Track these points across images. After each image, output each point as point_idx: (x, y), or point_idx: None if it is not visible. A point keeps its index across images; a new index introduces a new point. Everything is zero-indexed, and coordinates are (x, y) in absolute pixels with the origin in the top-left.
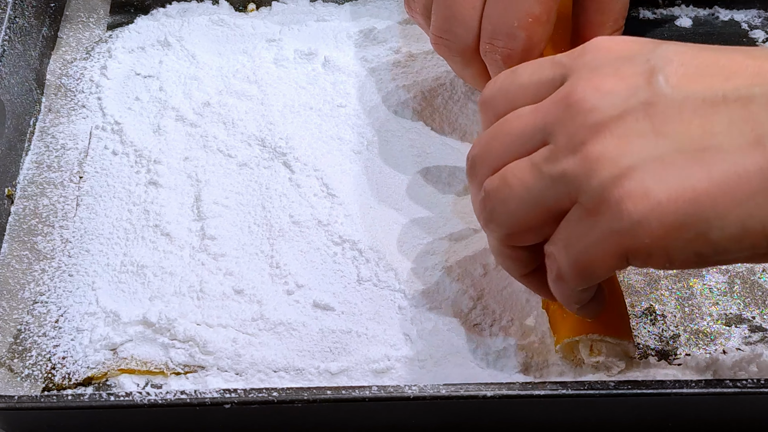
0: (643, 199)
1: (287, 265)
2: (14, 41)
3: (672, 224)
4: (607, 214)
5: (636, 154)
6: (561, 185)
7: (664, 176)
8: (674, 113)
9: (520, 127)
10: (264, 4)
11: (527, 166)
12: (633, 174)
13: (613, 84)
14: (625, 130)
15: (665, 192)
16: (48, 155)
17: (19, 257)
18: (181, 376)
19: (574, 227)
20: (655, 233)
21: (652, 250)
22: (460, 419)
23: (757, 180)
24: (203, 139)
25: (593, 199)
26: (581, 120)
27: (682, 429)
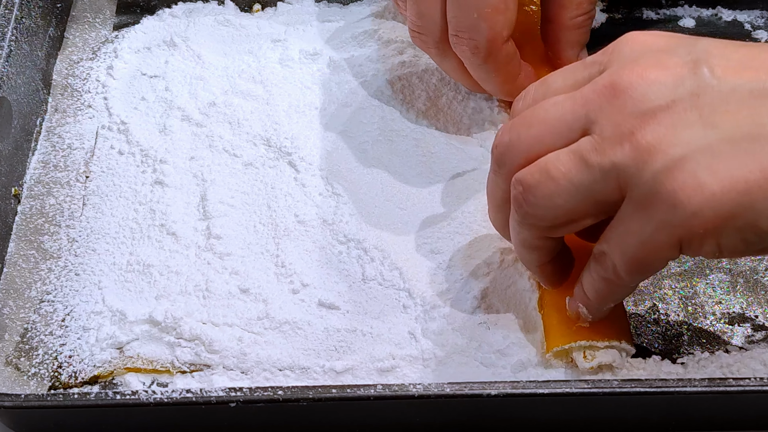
0: (696, 190)
1: (292, 264)
2: (21, 41)
3: (725, 214)
4: (661, 207)
5: (686, 144)
6: (611, 177)
7: (716, 167)
8: (721, 104)
9: (557, 114)
10: (269, 4)
11: (571, 158)
12: (684, 165)
13: (659, 74)
14: (673, 120)
15: (718, 183)
16: (54, 155)
17: (25, 256)
18: (187, 375)
19: (628, 223)
20: (709, 224)
21: (704, 239)
22: (465, 418)
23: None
24: (209, 139)
25: (645, 192)
26: (629, 108)
27: (686, 427)
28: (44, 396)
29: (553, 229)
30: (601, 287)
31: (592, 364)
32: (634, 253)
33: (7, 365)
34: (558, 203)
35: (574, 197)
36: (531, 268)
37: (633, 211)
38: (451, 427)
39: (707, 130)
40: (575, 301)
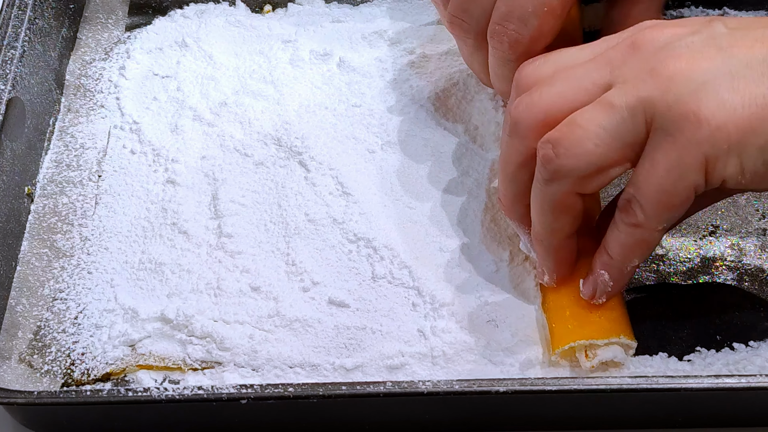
0: (720, 107)
1: (303, 263)
2: (34, 42)
3: (746, 128)
4: (687, 127)
5: (707, 70)
6: (638, 112)
7: (736, 86)
8: (737, 40)
9: (580, 73)
10: (280, 5)
11: (597, 107)
12: (707, 86)
13: (675, 29)
14: (693, 54)
15: (739, 99)
16: (67, 154)
17: (38, 255)
18: (199, 372)
19: (654, 155)
20: (732, 138)
21: (728, 156)
22: (473, 414)
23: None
24: (220, 139)
25: (671, 117)
26: (649, 53)
27: (692, 423)
28: (57, 393)
29: (584, 181)
30: (626, 239)
31: (593, 362)
32: (660, 184)
33: (21, 362)
34: (589, 148)
35: (603, 140)
36: (554, 241)
37: (660, 140)
38: (459, 424)
39: (726, 59)
40: (594, 273)
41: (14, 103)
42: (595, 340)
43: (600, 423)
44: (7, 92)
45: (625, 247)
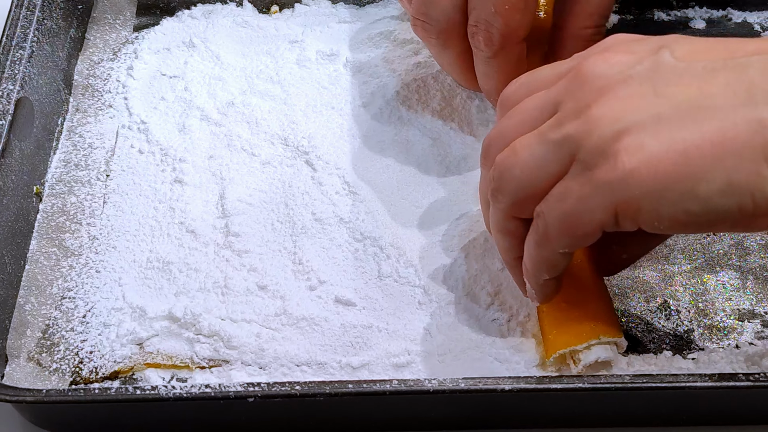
0: (637, 151)
1: (309, 262)
2: (42, 42)
3: (662, 176)
4: (603, 167)
5: (635, 113)
6: (564, 148)
7: (659, 131)
8: (675, 78)
9: (534, 104)
10: (287, 6)
11: (534, 135)
12: (631, 130)
13: (620, 57)
14: (627, 92)
15: (658, 145)
16: (75, 154)
17: (47, 254)
18: (206, 370)
19: (569, 183)
20: (646, 185)
21: (641, 204)
22: (479, 412)
23: (744, 135)
24: (227, 138)
25: (591, 154)
26: (588, 86)
27: (696, 421)
28: (65, 391)
29: (518, 205)
30: (533, 252)
31: (579, 368)
32: (568, 210)
33: (29, 361)
34: (517, 175)
35: (530, 169)
36: (508, 261)
37: (577, 172)
38: (465, 421)
39: (658, 100)
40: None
41: (23, 103)
42: (573, 347)
43: (605, 420)
44: (15, 92)
45: (532, 260)
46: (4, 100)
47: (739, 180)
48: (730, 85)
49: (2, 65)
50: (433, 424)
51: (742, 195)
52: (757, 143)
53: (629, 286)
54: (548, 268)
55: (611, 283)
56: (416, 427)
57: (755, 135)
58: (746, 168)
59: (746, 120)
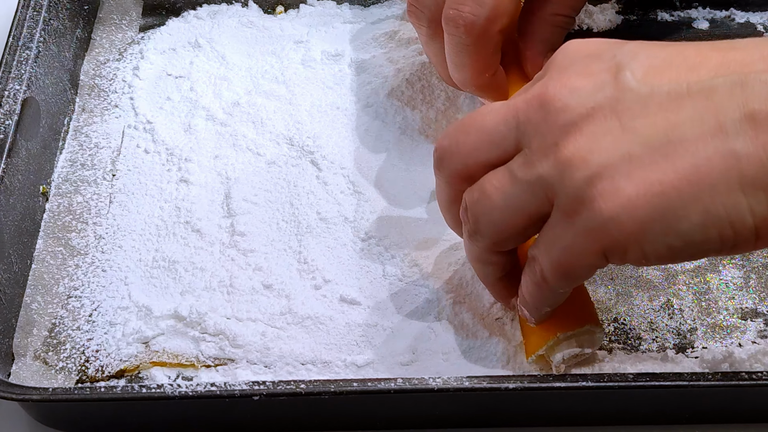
0: (613, 196)
1: (315, 261)
2: (49, 43)
3: (642, 219)
4: (583, 214)
5: (605, 152)
6: (538, 189)
7: (633, 172)
8: (640, 108)
9: (492, 122)
10: (292, 6)
11: (505, 175)
12: (604, 172)
13: (581, 81)
14: (594, 129)
15: (634, 188)
16: (82, 154)
17: (53, 253)
18: (212, 369)
19: (554, 229)
20: (627, 229)
21: (626, 245)
22: (483, 410)
23: (718, 169)
24: (233, 138)
25: (569, 201)
26: (552, 120)
27: (699, 419)
28: (71, 389)
29: (499, 244)
30: (533, 291)
31: (554, 366)
32: (559, 258)
33: (36, 359)
34: (494, 219)
35: (507, 212)
36: (488, 283)
37: (559, 218)
38: (470, 420)
39: (626, 136)
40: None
41: (29, 103)
42: (538, 351)
43: (608, 419)
44: (22, 92)
45: (533, 297)
46: (10, 100)
47: (718, 212)
48: (698, 115)
49: (9, 65)
50: (437, 421)
51: (722, 227)
52: (732, 175)
53: (633, 285)
54: (550, 303)
55: (615, 282)
56: (421, 425)
57: (729, 168)
58: (723, 201)
59: (719, 153)
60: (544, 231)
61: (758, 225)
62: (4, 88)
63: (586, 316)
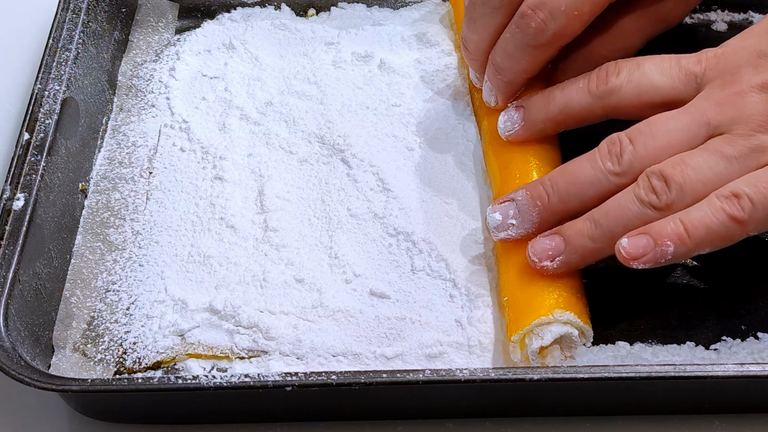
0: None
1: (345, 256)
2: (88, 44)
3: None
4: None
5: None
6: (752, 158)
7: None
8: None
9: (680, 126)
10: (323, 9)
11: (703, 153)
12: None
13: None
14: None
15: None
16: (119, 152)
17: (92, 248)
18: (245, 361)
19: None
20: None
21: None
22: (508, 401)
23: None
24: (266, 137)
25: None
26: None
27: (718, 410)
28: (110, 380)
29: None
30: (721, 228)
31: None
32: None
33: (75, 351)
34: (699, 188)
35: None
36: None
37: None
38: (495, 410)
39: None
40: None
41: (69, 102)
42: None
43: (629, 409)
44: (62, 93)
45: (711, 235)
46: (50, 100)
47: None
48: None
49: (49, 66)
50: (463, 412)
51: None
52: None
53: (653, 279)
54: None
55: (636, 276)
56: (447, 415)
57: None
58: None
59: None
60: (759, 175)
61: None
62: (44, 89)
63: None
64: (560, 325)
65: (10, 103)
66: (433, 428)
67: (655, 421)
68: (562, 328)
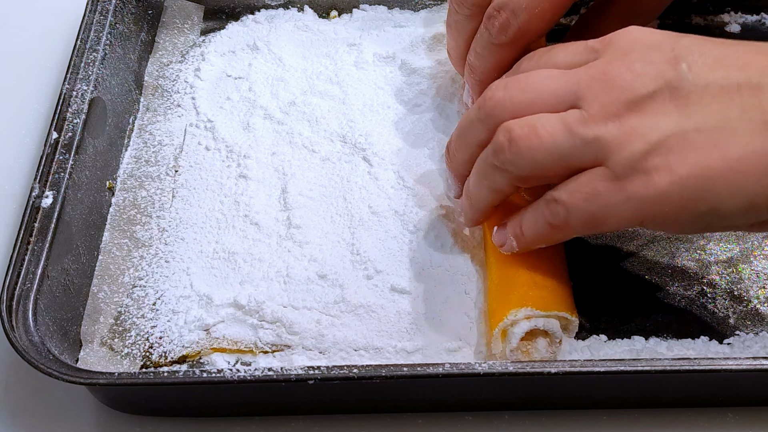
0: (667, 173)
1: (366, 252)
2: (115, 46)
3: (689, 197)
4: (636, 182)
5: (664, 131)
6: (592, 148)
7: (686, 154)
8: (696, 97)
9: (551, 86)
10: (346, 11)
11: (558, 123)
12: (660, 149)
13: (644, 67)
14: (654, 109)
15: (686, 168)
16: (146, 151)
17: (119, 245)
18: (269, 355)
19: (596, 185)
20: (674, 203)
21: (667, 217)
22: (526, 394)
23: (763, 162)
24: (289, 136)
25: (623, 167)
26: (615, 95)
27: (731, 403)
28: (136, 374)
29: (523, 180)
30: (543, 231)
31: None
32: (595, 211)
33: (102, 345)
34: (537, 158)
35: (552, 157)
36: (479, 207)
37: (607, 177)
38: (513, 403)
39: (683, 120)
40: (506, 233)
41: (96, 102)
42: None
43: (645, 402)
44: (89, 93)
45: (538, 235)
46: (78, 100)
47: (759, 201)
48: (746, 110)
49: (77, 67)
50: (482, 404)
51: (760, 211)
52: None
53: (668, 275)
54: (552, 242)
55: (651, 272)
56: (467, 408)
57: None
58: (765, 191)
59: (764, 147)
60: (580, 182)
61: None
62: (72, 89)
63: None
64: (525, 322)
65: (39, 103)
66: (453, 421)
67: (670, 413)
68: (525, 324)
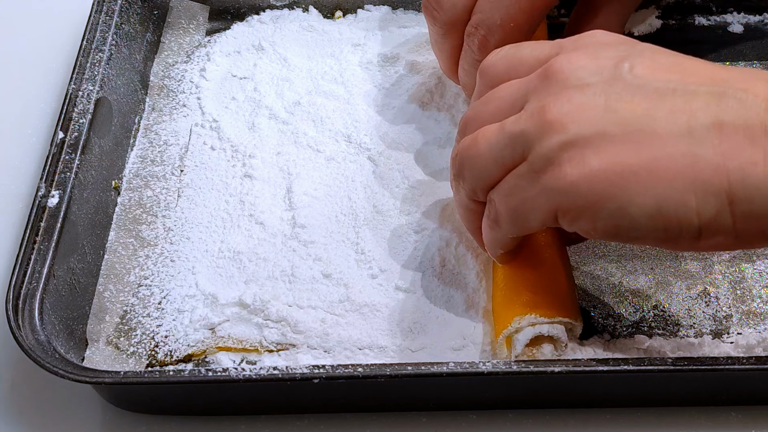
0: (579, 165)
1: (371, 252)
2: (121, 46)
3: (599, 192)
4: (549, 174)
5: (584, 124)
6: (518, 143)
7: (602, 148)
8: (628, 96)
9: (508, 91)
10: (350, 11)
11: (495, 128)
12: (577, 142)
13: (586, 62)
14: (581, 101)
15: (598, 163)
16: (151, 150)
17: (125, 244)
18: (274, 354)
19: (518, 179)
20: (583, 198)
21: (578, 213)
22: (530, 392)
23: (677, 167)
24: (294, 136)
25: (540, 159)
26: (553, 89)
27: (734, 401)
28: (142, 373)
29: (476, 192)
30: (487, 232)
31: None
32: (516, 206)
33: (108, 344)
34: (477, 165)
35: (488, 160)
36: (470, 229)
37: (526, 171)
38: (518, 402)
39: (607, 115)
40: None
41: (102, 102)
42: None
43: (648, 400)
44: (95, 93)
45: (487, 239)
46: (84, 100)
47: (668, 208)
48: (674, 113)
49: (83, 67)
50: (487, 403)
51: (668, 220)
52: (687, 176)
53: (672, 274)
54: (501, 246)
55: (655, 271)
56: (472, 406)
57: (687, 168)
58: (675, 197)
59: (681, 152)
60: (508, 178)
61: (702, 227)
62: (78, 89)
63: (564, 308)
64: (529, 329)
65: (45, 103)
66: (457, 419)
67: (674, 412)
68: (530, 331)
